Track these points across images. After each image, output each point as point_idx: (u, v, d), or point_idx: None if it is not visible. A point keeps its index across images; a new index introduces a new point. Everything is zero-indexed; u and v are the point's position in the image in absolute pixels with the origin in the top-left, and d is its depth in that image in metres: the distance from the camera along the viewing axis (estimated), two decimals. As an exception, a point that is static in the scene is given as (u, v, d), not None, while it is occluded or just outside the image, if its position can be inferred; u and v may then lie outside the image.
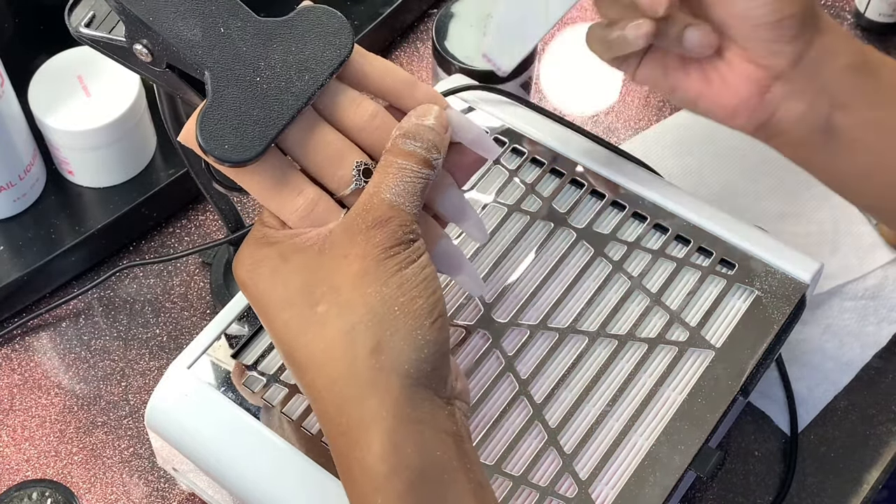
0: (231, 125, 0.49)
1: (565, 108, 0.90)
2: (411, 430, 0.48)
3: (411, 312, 0.48)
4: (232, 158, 0.49)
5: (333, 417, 0.49)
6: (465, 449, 0.49)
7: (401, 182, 0.50)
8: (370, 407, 0.47)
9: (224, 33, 0.50)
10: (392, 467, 0.47)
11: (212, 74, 0.50)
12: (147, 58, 0.52)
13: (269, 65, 0.50)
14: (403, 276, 0.48)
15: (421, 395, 0.48)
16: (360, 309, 0.48)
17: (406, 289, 0.48)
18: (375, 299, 0.48)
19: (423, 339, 0.48)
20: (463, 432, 0.50)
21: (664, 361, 0.63)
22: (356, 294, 0.48)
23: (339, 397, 0.48)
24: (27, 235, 0.79)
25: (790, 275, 0.66)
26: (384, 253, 0.48)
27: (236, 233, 0.74)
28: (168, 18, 0.50)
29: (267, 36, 0.51)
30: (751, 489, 0.72)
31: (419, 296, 0.48)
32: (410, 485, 0.47)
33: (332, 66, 0.51)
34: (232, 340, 0.64)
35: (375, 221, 0.49)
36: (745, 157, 0.85)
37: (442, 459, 0.48)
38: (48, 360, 0.78)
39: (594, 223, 0.68)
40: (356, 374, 0.48)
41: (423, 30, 0.94)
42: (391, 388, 0.47)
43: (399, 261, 0.49)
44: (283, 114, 0.50)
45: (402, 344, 0.48)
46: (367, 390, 0.47)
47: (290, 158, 0.51)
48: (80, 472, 0.73)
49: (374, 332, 0.48)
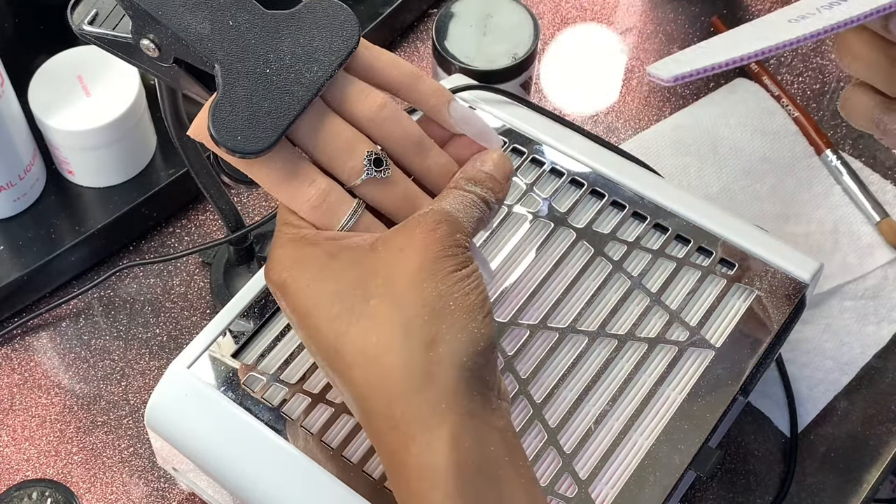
0: (243, 117, 0.49)
1: (565, 108, 0.90)
2: (469, 424, 0.47)
3: (465, 307, 0.49)
4: (245, 149, 0.49)
5: (384, 412, 0.48)
6: (515, 445, 0.49)
7: (461, 202, 0.52)
8: (428, 400, 0.47)
9: (233, 26, 0.50)
10: (452, 462, 0.47)
11: (222, 67, 0.50)
12: (154, 53, 0.52)
13: (277, 57, 0.51)
14: (458, 275, 0.49)
15: (476, 389, 0.48)
16: (416, 302, 0.48)
17: (460, 286, 0.49)
18: (431, 294, 0.48)
19: (478, 332, 0.48)
20: (513, 429, 0.50)
21: (664, 361, 0.63)
22: (412, 288, 0.48)
23: (391, 391, 0.48)
24: (27, 235, 0.79)
25: (790, 275, 0.66)
26: (443, 250, 0.49)
27: (236, 233, 0.74)
28: (176, 12, 0.50)
29: (275, 28, 0.51)
30: (751, 489, 0.72)
31: (471, 292, 0.49)
32: (469, 481, 0.47)
33: (341, 57, 0.51)
34: (232, 340, 0.64)
35: (437, 222, 0.50)
36: (745, 157, 0.85)
37: (496, 455, 0.48)
38: (48, 360, 0.78)
39: (594, 223, 0.68)
40: (412, 367, 0.47)
41: (423, 30, 0.94)
42: (449, 381, 0.47)
43: (455, 262, 0.49)
44: (294, 105, 0.50)
45: (459, 336, 0.48)
46: (424, 383, 0.47)
47: (300, 150, 0.52)
48: (80, 471, 0.73)
49: (430, 326, 0.48)
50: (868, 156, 0.86)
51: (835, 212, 0.83)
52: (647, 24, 0.95)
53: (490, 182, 0.53)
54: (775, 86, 0.89)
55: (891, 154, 0.87)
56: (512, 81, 0.80)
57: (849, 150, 0.87)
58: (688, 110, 0.88)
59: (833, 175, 0.84)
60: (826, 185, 0.84)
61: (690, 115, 0.88)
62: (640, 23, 0.95)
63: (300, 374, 0.62)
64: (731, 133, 0.87)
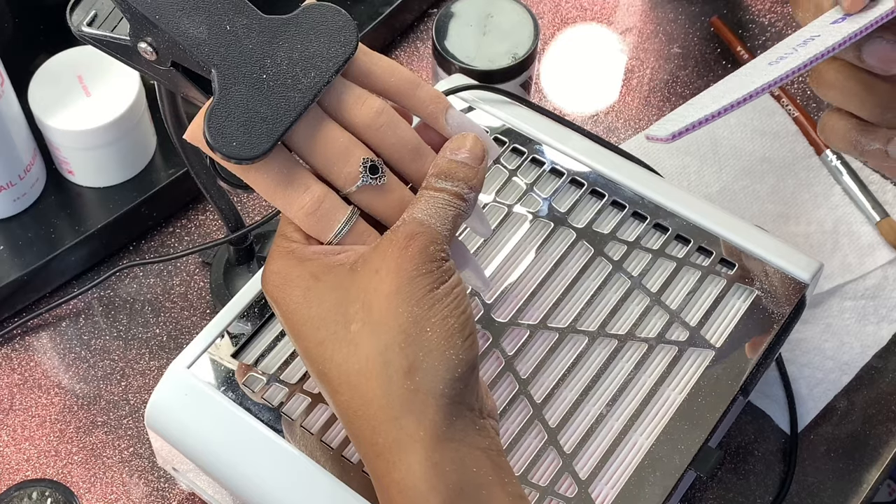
0: (238, 122, 0.49)
1: (565, 108, 0.90)
2: (448, 448, 0.48)
3: (443, 332, 0.48)
4: (240, 156, 0.49)
5: (369, 439, 0.49)
6: (500, 463, 0.49)
7: (432, 206, 0.51)
8: (406, 428, 0.47)
9: (230, 31, 0.50)
10: (431, 486, 0.47)
11: (218, 72, 0.50)
12: (151, 56, 0.52)
13: (274, 62, 0.50)
14: (435, 295, 0.49)
15: (456, 414, 0.48)
16: (392, 329, 0.48)
17: (438, 308, 0.48)
18: (407, 319, 0.48)
19: (457, 359, 0.48)
20: (497, 447, 0.50)
21: (664, 361, 0.63)
22: (388, 313, 0.48)
23: (373, 419, 0.48)
24: (27, 235, 0.79)
25: (790, 274, 0.66)
26: (416, 270, 0.48)
27: (236, 233, 0.74)
28: (174, 16, 0.50)
29: (272, 33, 0.51)
30: (751, 489, 0.72)
31: (450, 315, 0.49)
32: (450, 502, 0.47)
33: (338, 62, 0.51)
34: (232, 340, 0.64)
35: (406, 235, 0.49)
36: (745, 157, 0.85)
37: (479, 475, 0.48)
38: (48, 360, 0.78)
39: (594, 223, 0.68)
40: (391, 396, 0.48)
41: (423, 30, 0.94)
42: (427, 409, 0.47)
43: (431, 280, 0.49)
44: (290, 111, 0.50)
45: (435, 364, 0.48)
46: (402, 411, 0.47)
47: (296, 156, 0.51)
48: (80, 471, 0.73)
49: (407, 353, 0.48)
50: (868, 156, 0.86)
51: (835, 212, 0.83)
52: (647, 24, 0.95)
53: (462, 171, 0.52)
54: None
55: (891, 154, 0.87)
56: (512, 81, 0.80)
57: (849, 150, 0.87)
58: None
59: (833, 175, 0.84)
60: (826, 185, 0.84)
61: (690, 115, 0.88)
62: (640, 23, 0.95)
63: (300, 374, 0.62)
64: (731, 133, 0.87)
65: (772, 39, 0.93)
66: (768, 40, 0.93)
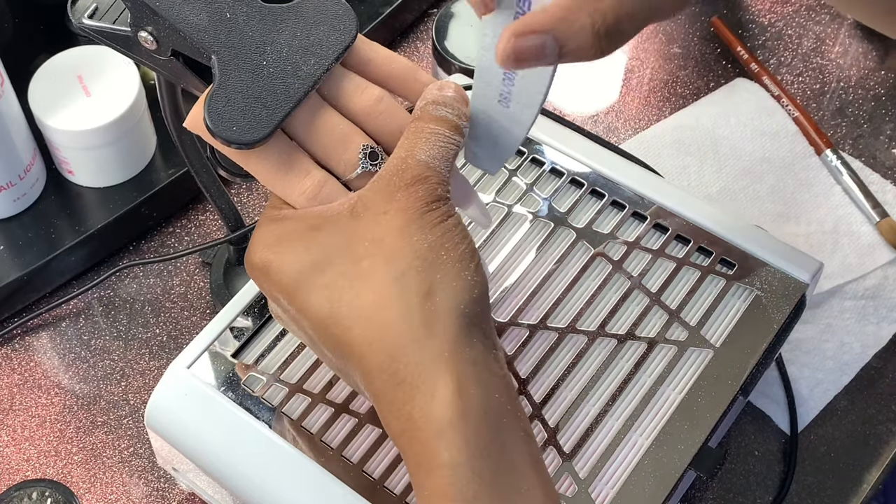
0: (239, 108, 0.49)
1: (565, 108, 0.90)
2: (472, 371, 0.47)
3: (457, 256, 0.49)
4: (240, 140, 0.49)
5: (387, 368, 0.48)
6: (514, 394, 0.49)
7: (434, 146, 0.51)
8: (430, 349, 0.47)
9: (230, 18, 0.51)
10: (458, 410, 0.47)
11: (219, 58, 0.50)
12: (152, 45, 0.52)
13: (275, 49, 0.51)
14: (445, 226, 0.49)
15: (476, 336, 0.48)
16: (408, 256, 0.48)
17: (450, 236, 0.49)
18: (423, 245, 0.48)
19: (472, 280, 0.49)
20: (511, 378, 0.50)
21: (664, 361, 0.63)
22: (403, 243, 0.48)
23: (392, 346, 0.48)
24: (27, 235, 0.79)
25: (790, 274, 0.66)
26: (426, 206, 0.49)
27: (236, 232, 0.74)
28: (174, 3, 0.50)
29: (272, 21, 0.51)
30: (751, 489, 0.72)
31: (461, 242, 0.49)
32: (475, 428, 0.47)
33: (338, 50, 0.52)
34: (232, 340, 0.64)
35: (414, 179, 0.49)
36: (745, 157, 0.85)
37: (500, 402, 0.48)
38: (48, 360, 0.78)
39: (594, 223, 0.68)
40: (411, 318, 0.47)
41: (423, 30, 0.94)
42: (449, 329, 0.47)
43: (439, 214, 0.49)
44: (290, 97, 0.50)
45: (454, 285, 0.48)
46: (424, 332, 0.47)
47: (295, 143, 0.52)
48: (80, 472, 0.73)
49: (425, 277, 0.48)
50: (868, 156, 0.86)
51: (835, 212, 0.82)
52: (647, 24, 0.95)
53: (455, 102, 0.52)
54: (775, 86, 0.89)
55: (891, 154, 0.87)
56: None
57: (849, 150, 0.87)
58: (688, 110, 0.88)
59: (833, 175, 0.84)
60: (826, 185, 0.84)
61: (690, 115, 0.88)
62: (640, 23, 0.95)
63: (300, 374, 0.62)
64: (731, 133, 0.87)
65: (772, 39, 0.93)
66: (768, 40, 0.93)
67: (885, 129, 0.88)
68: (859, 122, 0.89)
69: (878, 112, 0.89)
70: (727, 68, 0.92)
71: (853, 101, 0.90)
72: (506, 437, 0.48)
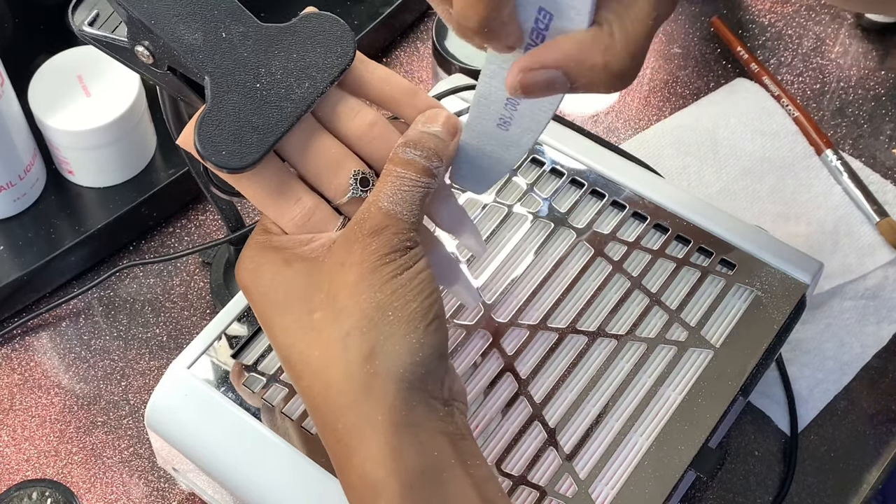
0: (229, 131, 0.49)
1: (565, 108, 0.90)
2: (407, 433, 0.48)
3: (405, 317, 0.48)
4: (229, 165, 0.49)
5: (330, 424, 0.49)
6: (463, 447, 0.49)
7: (399, 191, 0.50)
8: (366, 412, 0.47)
9: (225, 38, 0.50)
10: (390, 471, 0.47)
11: (212, 80, 0.49)
12: (148, 59, 0.52)
13: (269, 71, 0.50)
14: (398, 281, 0.48)
15: (416, 399, 0.48)
16: (354, 315, 0.48)
17: (400, 294, 0.48)
18: (369, 305, 0.48)
19: (418, 343, 0.48)
20: (463, 430, 0.50)
21: (664, 361, 0.63)
22: (351, 301, 0.48)
23: (334, 404, 0.48)
24: (27, 235, 0.79)
25: (790, 275, 0.66)
26: (380, 260, 0.48)
27: (236, 232, 0.74)
28: (169, 22, 0.50)
29: (268, 42, 0.51)
30: (751, 489, 0.72)
31: (413, 300, 0.48)
32: (409, 486, 0.47)
33: (333, 74, 0.51)
34: (232, 340, 0.64)
35: (371, 230, 0.49)
36: (745, 157, 0.85)
37: (440, 459, 0.48)
38: (48, 360, 0.78)
39: (594, 223, 0.68)
40: (351, 380, 0.48)
41: (423, 30, 0.94)
42: (386, 393, 0.47)
43: (394, 267, 0.49)
44: (282, 121, 0.50)
45: (396, 348, 0.48)
46: (361, 396, 0.47)
47: (288, 166, 0.51)
48: (80, 472, 0.73)
49: (368, 338, 0.48)
50: (868, 156, 0.86)
51: (835, 212, 0.82)
52: (647, 24, 0.95)
53: (433, 142, 0.51)
54: (775, 86, 0.89)
55: (891, 154, 0.87)
56: (512, 81, 0.80)
57: (849, 150, 0.87)
58: (688, 110, 0.88)
59: (833, 175, 0.84)
60: (826, 185, 0.84)
61: (690, 115, 0.88)
62: (640, 23, 0.95)
63: (300, 375, 0.62)
64: (731, 133, 0.87)
65: (772, 39, 0.93)
66: (768, 40, 0.93)
67: (885, 129, 0.88)
68: (859, 122, 0.89)
69: (878, 112, 0.89)
70: (727, 68, 0.92)
71: (853, 101, 0.90)
72: (448, 490, 0.48)
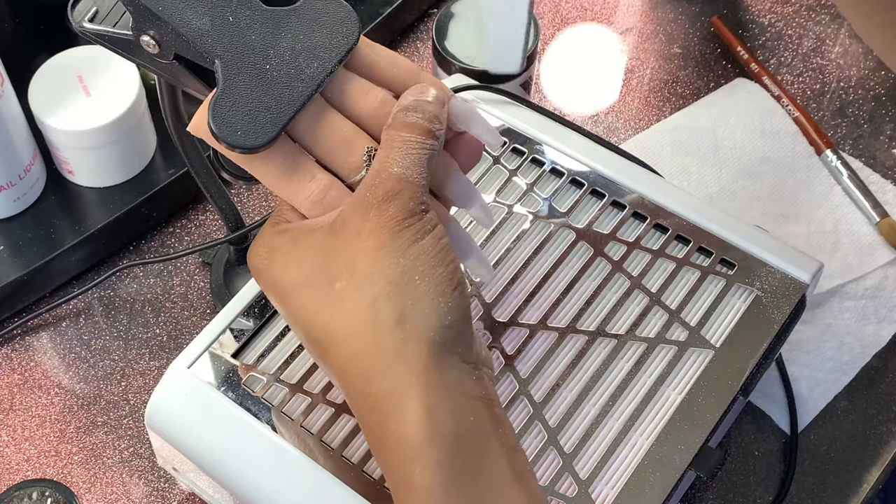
0: (243, 112, 0.49)
1: (565, 108, 0.90)
2: (443, 395, 0.47)
3: (432, 281, 0.48)
4: (245, 144, 0.49)
5: (361, 392, 0.48)
6: (496, 413, 0.49)
7: (407, 155, 0.50)
8: (399, 376, 0.47)
9: (233, 22, 0.51)
10: (428, 435, 0.47)
11: (222, 63, 0.50)
12: (154, 49, 0.52)
13: (277, 53, 0.51)
14: (421, 246, 0.48)
15: (448, 362, 0.48)
16: (379, 281, 0.48)
17: (424, 259, 0.48)
18: (395, 270, 0.48)
19: (447, 306, 0.48)
20: (493, 397, 0.50)
21: (664, 361, 0.63)
22: (374, 268, 0.48)
23: (365, 370, 0.48)
24: (27, 235, 0.79)
25: (790, 275, 0.66)
26: (399, 225, 0.48)
27: (236, 232, 0.74)
28: (177, 8, 0.50)
29: (275, 24, 0.51)
30: (751, 489, 0.72)
31: (438, 264, 0.48)
32: (448, 451, 0.47)
33: (340, 53, 0.51)
34: (232, 340, 0.64)
35: (386, 195, 0.49)
36: (745, 157, 0.85)
37: (475, 424, 0.48)
38: (48, 360, 0.78)
39: (594, 223, 0.68)
40: (382, 346, 0.47)
41: (423, 30, 0.94)
42: (419, 356, 0.47)
43: (414, 231, 0.48)
44: (294, 100, 0.50)
45: (425, 312, 0.48)
46: (394, 360, 0.47)
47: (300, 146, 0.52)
48: (80, 472, 0.73)
49: (396, 303, 0.47)
50: (868, 156, 0.86)
51: (835, 212, 0.82)
52: (647, 24, 0.95)
53: (430, 106, 0.51)
54: (775, 86, 0.89)
55: (891, 154, 0.87)
56: (512, 81, 0.80)
57: (849, 150, 0.87)
58: (688, 110, 0.88)
59: (833, 175, 0.84)
60: (826, 185, 0.84)
61: (690, 115, 0.88)
62: (640, 23, 0.95)
63: (300, 374, 0.62)
64: (731, 133, 0.87)
65: (772, 39, 0.93)
66: (768, 40, 0.93)
67: (885, 129, 0.88)
68: (859, 122, 0.89)
69: (878, 112, 0.89)
70: (727, 68, 0.92)
71: (853, 101, 0.90)
72: (484, 458, 0.48)
